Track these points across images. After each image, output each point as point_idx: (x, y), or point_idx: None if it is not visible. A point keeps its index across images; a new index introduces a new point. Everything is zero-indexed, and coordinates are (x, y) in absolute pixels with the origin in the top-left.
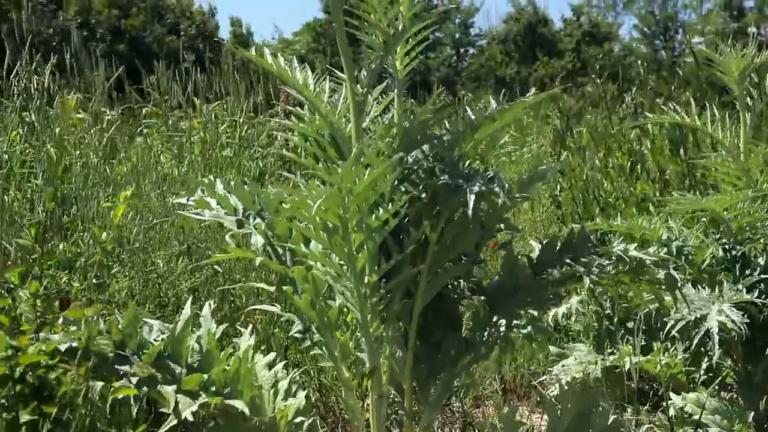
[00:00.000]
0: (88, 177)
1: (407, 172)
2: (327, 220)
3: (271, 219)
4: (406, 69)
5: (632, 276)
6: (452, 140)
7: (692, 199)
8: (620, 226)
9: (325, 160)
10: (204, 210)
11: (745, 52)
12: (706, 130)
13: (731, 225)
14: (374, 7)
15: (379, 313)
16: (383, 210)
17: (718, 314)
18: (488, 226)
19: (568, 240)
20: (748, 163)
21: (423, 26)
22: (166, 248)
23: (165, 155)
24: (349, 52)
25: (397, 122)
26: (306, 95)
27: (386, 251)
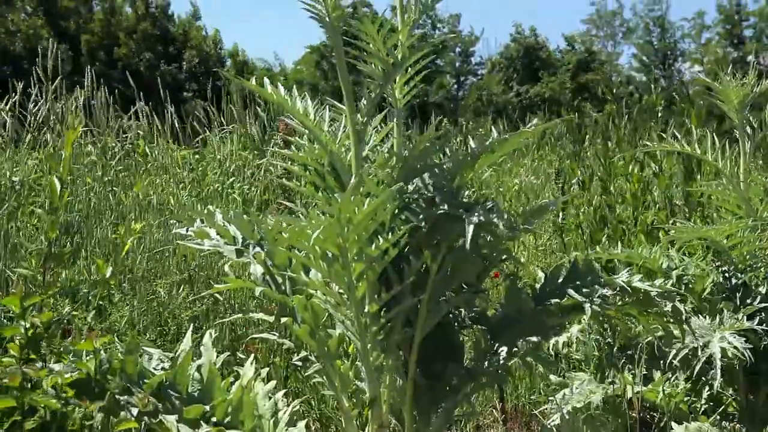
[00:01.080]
0: (92, 205)
1: (407, 201)
2: (327, 249)
3: (270, 248)
4: (406, 98)
5: (640, 308)
6: (453, 170)
7: (693, 227)
8: (620, 255)
9: (324, 189)
10: (204, 240)
11: (745, 81)
12: (706, 159)
13: (732, 253)
14: (373, 37)
15: (380, 343)
16: (383, 239)
17: (720, 341)
18: (489, 256)
19: (571, 269)
20: (748, 192)
21: (422, 55)
22: (167, 277)
23: (164, 185)
24: (349, 82)
25: (397, 151)
26: (306, 124)
27: (386, 281)
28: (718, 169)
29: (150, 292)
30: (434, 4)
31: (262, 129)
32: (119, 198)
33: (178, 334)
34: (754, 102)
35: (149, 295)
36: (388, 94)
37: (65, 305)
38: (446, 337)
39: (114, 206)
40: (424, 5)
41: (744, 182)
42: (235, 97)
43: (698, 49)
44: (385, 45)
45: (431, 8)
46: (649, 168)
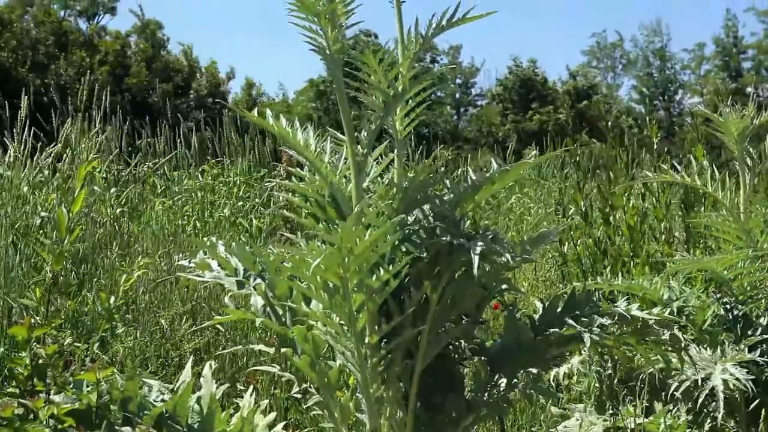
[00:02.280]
0: (97, 236)
1: (408, 232)
2: (327, 279)
3: (271, 279)
4: (406, 129)
5: (638, 337)
6: (454, 200)
7: (693, 258)
8: (621, 286)
9: (325, 221)
10: (205, 271)
11: (744, 113)
12: (706, 191)
13: (732, 284)
14: (375, 69)
15: (380, 374)
16: (384, 270)
17: (722, 373)
18: (489, 287)
19: (570, 299)
20: (748, 223)
21: (422, 87)
22: (169, 308)
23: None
24: (350, 113)
25: (397, 182)
26: (307, 156)
27: (387, 312)
28: (718, 200)
29: (153, 323)
30: (435, 36)
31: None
32: (125, 228)
33: (180, 365)
34: (754, 133)
35: (152, 327)
36: (389, 126)
37: (66, 336)
38: (446, 368)
39: (121, 237)
40: (425, 37)
41: (744, 213)
42: (229, 128)
43: (698, 81)
44: (386, 77)
45: (431, 40)
46: (649, 199)
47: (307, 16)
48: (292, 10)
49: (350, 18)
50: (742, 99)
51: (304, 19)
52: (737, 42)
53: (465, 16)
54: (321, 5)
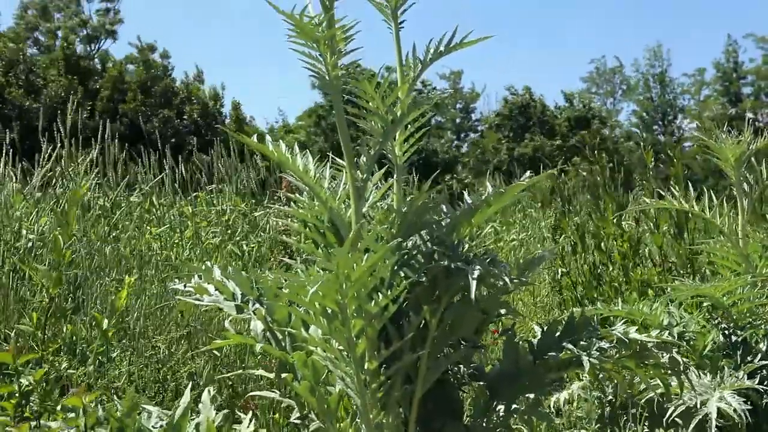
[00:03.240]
0: (93, 260)
1: (406, 256)
2: (326, 305)
3: (270, 304)
4: (405, 155)
5: (637, 360)
6: (451, 224)
7: (692, 284)
8: (621, 311)
9: (324, 246)
10: (203, 296)
11: (741, 139)
12: (705, 216)
13: (731, 310)
14: (372, 95)
15: (380, 400)
16: (383, 295)
17: (719, 401)
18: (488, 311)
19: (568, 324)
20: (746, 249)
21: (421, 113)
22: (166, 333)
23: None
24: (349, 139)
25: (396, 207)
26: (306, 181)
27: (386, 337)
28: (716, 225)
29: (149, 348)
30: (433, 61)
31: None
32: (121, 253)
33: (177, 390)
34: (752, 158)
35: (148, 351)
36: (388, 151)
37: (63, 361)
38: (446, 393)
39: (115, 261)
40: (423, 63)
41: (742, 239)
42: (218, 157)
43: (698, 105)
44: (384, 102)
45: (430, 65)
46: (644, 223)
47: (307, 42)
48: (291, 36)
49: (349, 44)
50: (740, 124)
51: (304, 45)
52: (737, 67)
53: (462, 41)
54: (320, 31)
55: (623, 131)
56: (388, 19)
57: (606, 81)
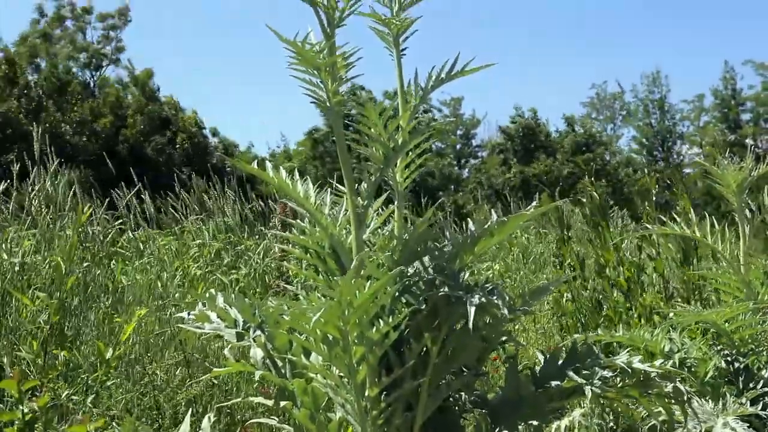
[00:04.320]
0: (89, 288)
1: (408, 283)
2: (327, 332)
3: (271, 331)
4: (406, 181)
5: (640, 389)
6: (453, 252)
7: (694, 311)
8: (622, 338)
9: (325, 272)
10: (204, 323)
11: (743, 165)
12: (706, 242)
13: (734, 337)
14: (375, 122)
15: (380, 427)
16: (384, 322)
17: (723, 427)
18: (489, 339)
19: (571, 352)
20: (748, 275)
21: (422, 140)
22: (163, 360)
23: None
24: (350, 165)
25: (398, 234)
26: (307, 208)
27: (387, 363)
28: (718, 251)
29: (146, 375)
30: (434, 88)
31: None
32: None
33: (174, 418)
34: (753, 185)
35: (145, 379)
36: (389, 178)
37: (64, 388)
38: (447, 421)
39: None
40: (425, 90)
41: (744, 265)
42: (201, 190)
43: (697, 131)
44: (386, 130)
45: (431, 92)
46: (646, 250)
47: (308, 69)
48: (293, 63)
49: (350, 70)
50: (740, 151)
51: (304, 72)
52: (736, 94)
53: (464, 69)
54: (321, 58)
55: (623, 157)
56: (390, 47)
57: (606, 107)
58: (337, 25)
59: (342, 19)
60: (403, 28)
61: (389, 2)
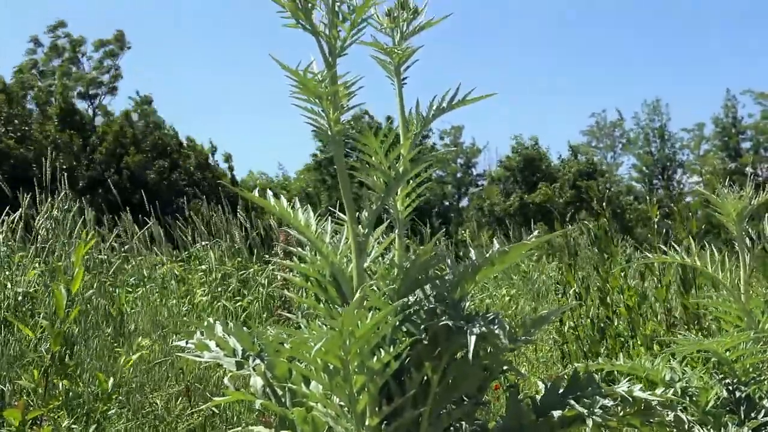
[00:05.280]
0: (89, 317)
1: (409, 312)
2: (328, 361)
3: (270, 360)
4: (407, 210)
5: (641, 418)
6: (454, 281)
7: (694, 340)
8: (623, 366)
9: (326, 301)
10: (203, 352)
11: (743, 194)
12: (707, 271)
13: (735, 366)
14: (376, 150)
15: None
16: (385, 352)
17: None
18: (490, 368)
19: (572, 380)
20: (749, 304)
21: (423, 168)
22: (163, 389)
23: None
24: (351, 194)
25: (398, 263)
26: (308, 236)
27: (387, 393)
28: (718, 280)
29: (146, 404)
30: (435, 117)
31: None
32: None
33: None
34: (753, 213)
35: (145, 408)
36: (390, 206)
37: (64, 418)
38: None
39: (113, 319)
40: (426, 119)
41: (745, 294)
42: (202, 217)
43: (697, 160)
44: (387, 158)
45: (432, 121)
46: (648, 279)
47: (309, 98)
48: (294, 92)
49: (352, 99)
50: (740, 179)
51: (306, 101)
52: (736, 122)
53: (465, 98)
54: (323, 87)
55: (623, 185)
56: (391, 76)
57: (606, 135)
58: (339, 54)
59: (344, 48)
60: (404, 57)
61: (391, 32)
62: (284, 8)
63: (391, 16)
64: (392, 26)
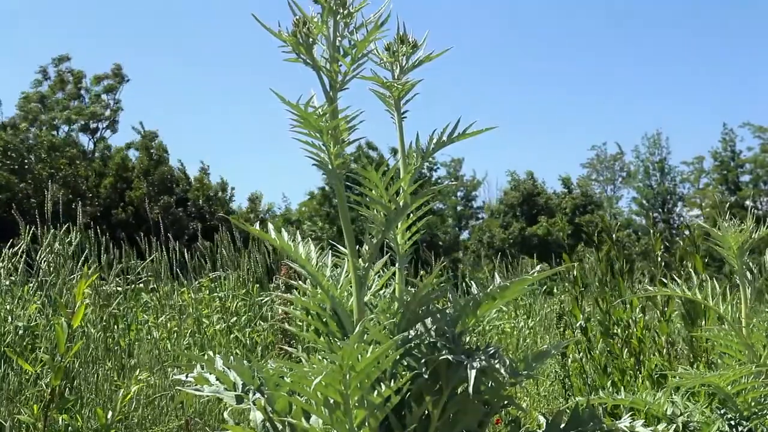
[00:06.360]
0: (89, 350)
1: (409, 347)
2: (329, 395)
3: (270, 394)
4: (407, 243)
5: None
6: (455, 316)
7: (696, 373)
8: (625, 400)
9: (326, 334)
10: (203, 386)
11: (743, 227)
12: (708, 304)
13: (736, 400)
14: (376, 184)
15: None
16: (385, 386)
17: None
18: (491, 402)
19: (573, 415)
20: (750, 338)
21: (423, 202)
22: (164, 424)
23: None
24: (351, 227)
25: (399, 297)
26: (308, 270)
27: (388, 427)
28: (720, 313)
29: None
30: (435, 151)
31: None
32: (118, 342)
33: None
34: (754, 246)
35: None
36: (390, 239)
37: None
38: None
39: (112, 351)
40: (426, 153)
41: (746, 328)
42: (220, 243)
43: (697, 193)
44: (387, 192)
45: (432, 155)
46: (650, 312)
47: (310, 132)
48: (295, 126)
49: (353, 134)
50: (740, 212)
51: (307, 135)
52: (735, 156)
53: (465, 132)
54: (324, 122)
55: (623, 218)
56: (391, 110)
57: (606, 168)
58: (340, 88)
59: (345, 82)
60: (404, 91)
61: (391, 66)
62: (286, 43)
63: (390, 50)
64: (392, 60)
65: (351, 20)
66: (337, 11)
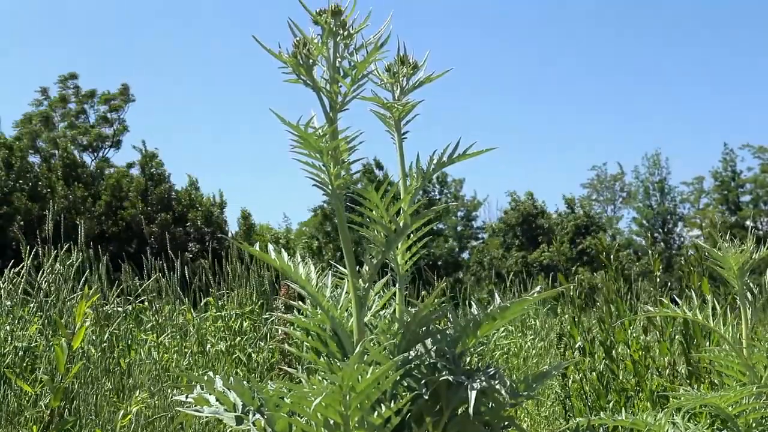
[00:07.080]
0: (89, 371)
1: (409, 367)
2: (329, 416)
3: (270, 415)
4: (408, 264)
5: None
6: (455, 336)
7: (697, 394)
8: (625, 421)
9: (326, 355)
10: (203, 407)
11: (744, 248)
12: (708, 325)
13: (738, 421)
14: (377, 204)
15: None
16: (386, 407)
17: None
18: (492, 423)
19: None
20: (751, 358)
21: (424, 222)
22: None
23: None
24: (351, 248)
25: (399, 317)
26: (308, 290)
27: None
28: (720, 334)
29: None
30: (435, 172)
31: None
32: (118, 362)
33: None
34: (754, 267)
35: None
36: (390, 260)
37: None
38: None
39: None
40: (426, 173)
41: (747, 348)
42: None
43: (697, 213)
44: (388, 212)
45: (432, 176)
46: (651, 333)
47: (310, 153)
48: (295, 147)
49: (353, 154)
50: (740, 232)
51: (307, 155)
52: (735, 176)
53: (465, 152)
54: (324, 143)
55: (623, 238)
56: (392, 130)
57: (606, 188)
58: (340, 109)
59: (345, 103)
60: (404, 112)
61: (391, 87)
62: (286, 64)
63: (391, 71)
64: (392, 81)
65: (351, 41)
66: (337, 32)
